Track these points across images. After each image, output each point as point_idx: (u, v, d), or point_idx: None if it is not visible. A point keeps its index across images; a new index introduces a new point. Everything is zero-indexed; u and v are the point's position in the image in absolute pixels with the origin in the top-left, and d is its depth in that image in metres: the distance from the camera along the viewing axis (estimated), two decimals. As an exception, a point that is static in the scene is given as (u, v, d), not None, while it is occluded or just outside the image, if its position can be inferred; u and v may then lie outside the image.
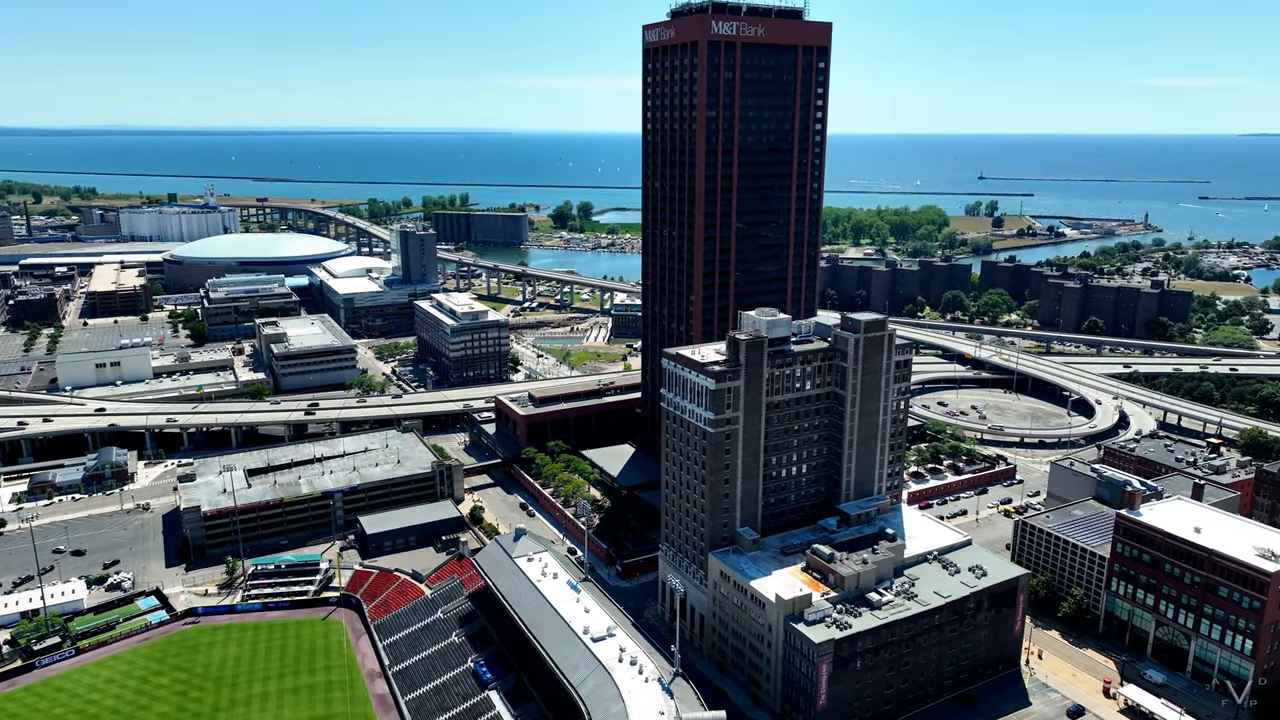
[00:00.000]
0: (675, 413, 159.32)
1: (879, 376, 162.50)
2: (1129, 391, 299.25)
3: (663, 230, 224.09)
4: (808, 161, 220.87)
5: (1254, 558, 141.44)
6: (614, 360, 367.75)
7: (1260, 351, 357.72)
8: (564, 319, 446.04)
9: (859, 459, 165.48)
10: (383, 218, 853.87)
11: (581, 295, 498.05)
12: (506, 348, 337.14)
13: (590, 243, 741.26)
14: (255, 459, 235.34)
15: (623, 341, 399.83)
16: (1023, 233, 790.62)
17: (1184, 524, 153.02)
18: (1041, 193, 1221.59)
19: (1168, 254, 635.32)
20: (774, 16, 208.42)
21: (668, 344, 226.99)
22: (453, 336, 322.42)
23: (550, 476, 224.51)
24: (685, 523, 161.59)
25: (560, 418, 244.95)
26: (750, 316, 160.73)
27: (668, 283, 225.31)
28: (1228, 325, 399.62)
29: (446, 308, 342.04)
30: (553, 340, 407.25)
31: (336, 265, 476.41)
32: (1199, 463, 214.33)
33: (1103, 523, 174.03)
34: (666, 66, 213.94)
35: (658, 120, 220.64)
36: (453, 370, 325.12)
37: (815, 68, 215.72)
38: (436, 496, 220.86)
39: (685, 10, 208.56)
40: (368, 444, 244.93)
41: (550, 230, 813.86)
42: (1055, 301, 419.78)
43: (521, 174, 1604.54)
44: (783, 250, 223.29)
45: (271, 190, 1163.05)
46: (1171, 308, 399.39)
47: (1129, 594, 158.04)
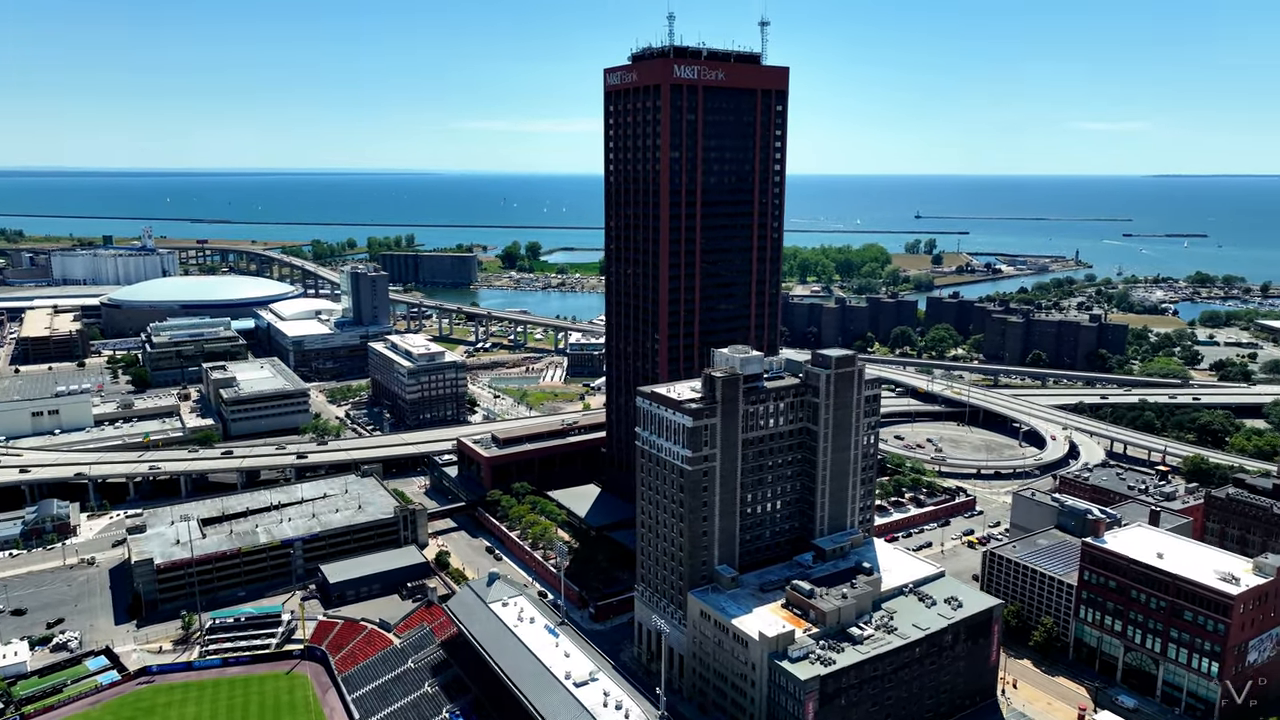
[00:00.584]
0: (651, 451, 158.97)
1: (850, 411, 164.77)
2: (1076, 422, 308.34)
3: (627, 269, 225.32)
4: (768, 201, 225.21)
5: (1216, 581, 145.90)
6: (572, 399, 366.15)
7: (1194, 382, 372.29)
8: (519, 359, 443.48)
9: (832, 494, 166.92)
10: (327, 259, 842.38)
11: (535, 335, 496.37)
12: (464, 389, 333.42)
13: (540, 282, 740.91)
14: (209, 508, 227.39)
15: (579, 380, 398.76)
16: (961, 269, 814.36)
17: (1147, 550, 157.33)
18: (976, 231, 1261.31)
19: (1100, 289, 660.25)
20: (733, 61, 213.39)
21: (633, 382, 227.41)
22: (409, 378, 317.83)
23: (517, 519, 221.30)
24: (662, 562, 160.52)
25: (525, 459, 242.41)
26: (723, 354, 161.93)
27: (632, 321, 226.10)
28: (1162, 357, 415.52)
29: (402, 349, 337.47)
30: (508, 380, 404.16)
31: (284, 307, 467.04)
32: (1150, 490, 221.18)
33: (1067, 551, 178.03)
34: (629, 109, 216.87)
35: (621, 161, 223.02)
36: (409, 412, 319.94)
37: (774, 110, 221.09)
38: (400, 542, 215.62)
39: (647, 54, 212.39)
40: (326, 489, 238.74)
41: (499, 270, 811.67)
42: (1000, 336, 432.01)
43: (465, 215, 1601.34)
44: (745, 288, 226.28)
45: (210, 232, 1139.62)
46: (1109, 341, 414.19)
47: (1097, 621, 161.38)
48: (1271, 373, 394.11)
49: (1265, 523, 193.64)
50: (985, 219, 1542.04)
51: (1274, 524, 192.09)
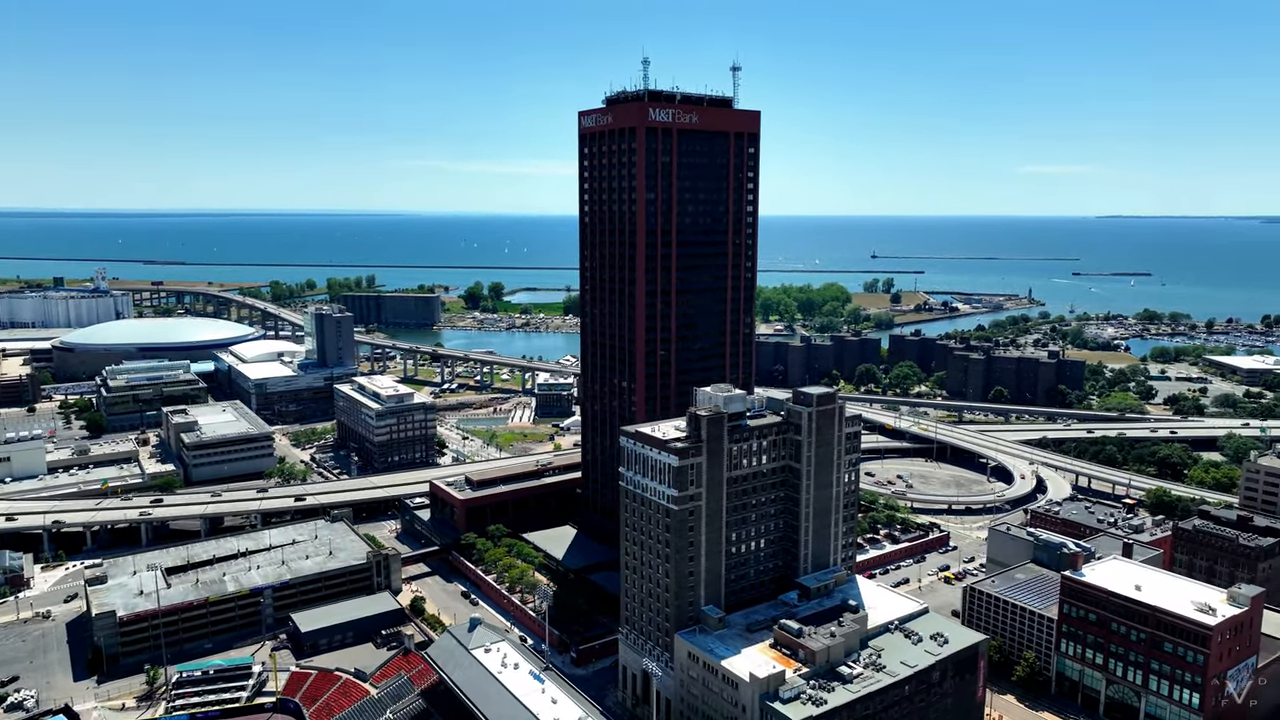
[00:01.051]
0: (635, 491, 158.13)
1: (832, 449, 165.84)
2: (1041, 457, 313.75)
3: (602, 309, 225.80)
4: (741, 241, 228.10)
5: (1194, 612, 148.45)
6: (541, 440, 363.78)
7: (1151, 416, 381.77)
8: (486, 400, 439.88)
9: (815, 531, 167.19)
10: (287, 300, 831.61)
11: (502, 375, 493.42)
12: (434, 431, 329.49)
13: (504, 323, 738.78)
14: (173, 556, 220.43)
15: (548, 421, 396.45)
16: (920, 308, 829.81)
17: (1125, 582, 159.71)
18: (931, 270, 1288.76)
19: (1054, 326, 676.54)
20: (706, 105, 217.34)
21: (608, 422, 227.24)
22: (377, 420, 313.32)
23: (493, 562, 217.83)
24: (648, 604, 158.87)
25: (499, 501, 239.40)
26: (706, 392, 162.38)
27: (607, 360, 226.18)
28: (1118, 392, 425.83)
29: (369, 391, 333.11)
30: (476, 422, 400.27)
31: (245, 349, 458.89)
32: (1119, 523, 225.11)
33: (1045, 585, 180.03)
34: (604, 151, 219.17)
35: (596, 202, 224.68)
36: (377, 455, 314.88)
37: (746, 153, 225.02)
38: (373, 589, 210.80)
39: (622, 98, 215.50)
40: (295, 535, 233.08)
41: (462, 311, 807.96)
42: (962, 373, 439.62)
43: (426, 255, 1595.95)
44: (719, 327, 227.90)
45: (164, 274, 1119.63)
46: (1068, 376, 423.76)
47: (1078, 654, 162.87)
48: (1222, 406, 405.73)
49: (1232, 553, 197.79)
50: (939, 258, 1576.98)
51: (1240, 554, 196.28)
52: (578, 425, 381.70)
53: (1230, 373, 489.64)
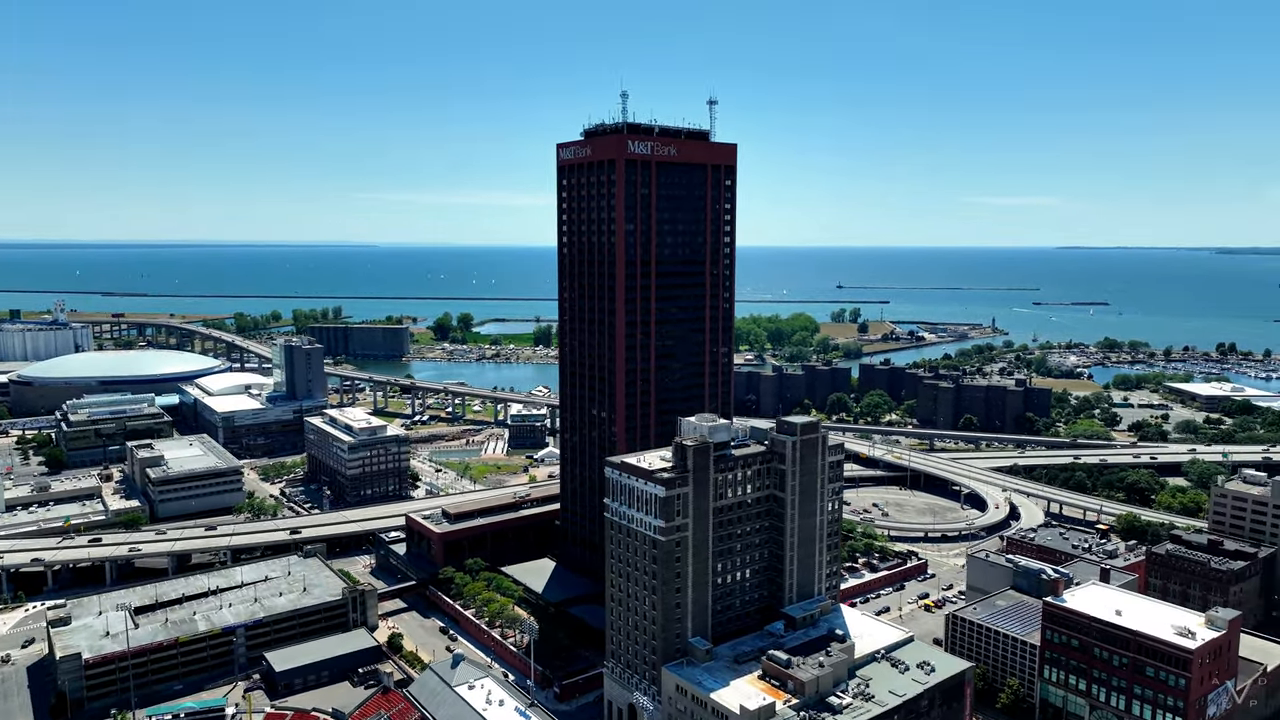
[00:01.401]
0: (621, 522, 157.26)
1: (815, 478, 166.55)
2: (1014, 484, 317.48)
3: (581, 339, 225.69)
4: (719, 272, 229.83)
5: (1174, 636, 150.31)
6: (515, 472, 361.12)
7: (1117, 443, 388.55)
8: (458, 431, 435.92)
9: (800, 560, 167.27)
10: (252, 332, 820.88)
11: (473, 407, 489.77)
12: (407, 463, 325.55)
13: (474, 354, 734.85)
14: (140, 595, 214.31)
15: (522, 452, 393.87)
16: (887, 337, 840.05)
17: (1106, 608, 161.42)
18: (896, 300, 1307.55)
19: (1018, 355, 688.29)
20: (684, 137, 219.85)
21: (588, 453, 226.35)
22: (350, 453, 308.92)
23: (472, 597, 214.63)
24: (634, 636, 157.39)
25: (478, 534, 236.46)
26: (690, 422, 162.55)
27: (586, 391, 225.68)
28: (1084, 419, 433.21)
29: (341, 424, 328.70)
30: (449, 454, 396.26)
31: (211, 382, 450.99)
32: (1093, 549, 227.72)
33: (1026, 611, 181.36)
34: (583, 182, 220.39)
35: (575, 233, 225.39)
36: (350, 489, 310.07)
37: (723, 185, 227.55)
38: (349, 625, 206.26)
39: (600, 130, 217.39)
40: (268, 572, 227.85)
41: (431, 342, 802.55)
42: (932, 401, 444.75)
43: (392, 287, 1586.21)
44: (699, 357, 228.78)
45: (124, 305, 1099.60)
46: (1036, 404, 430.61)
47: (1061, 680, 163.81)
48: (1184, 432, 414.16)
49: (1204, 577, 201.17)
50: (903, 289, 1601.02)
51: (1212, 578, 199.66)
52: (552, 456, 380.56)
53: (1190, 399, 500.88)
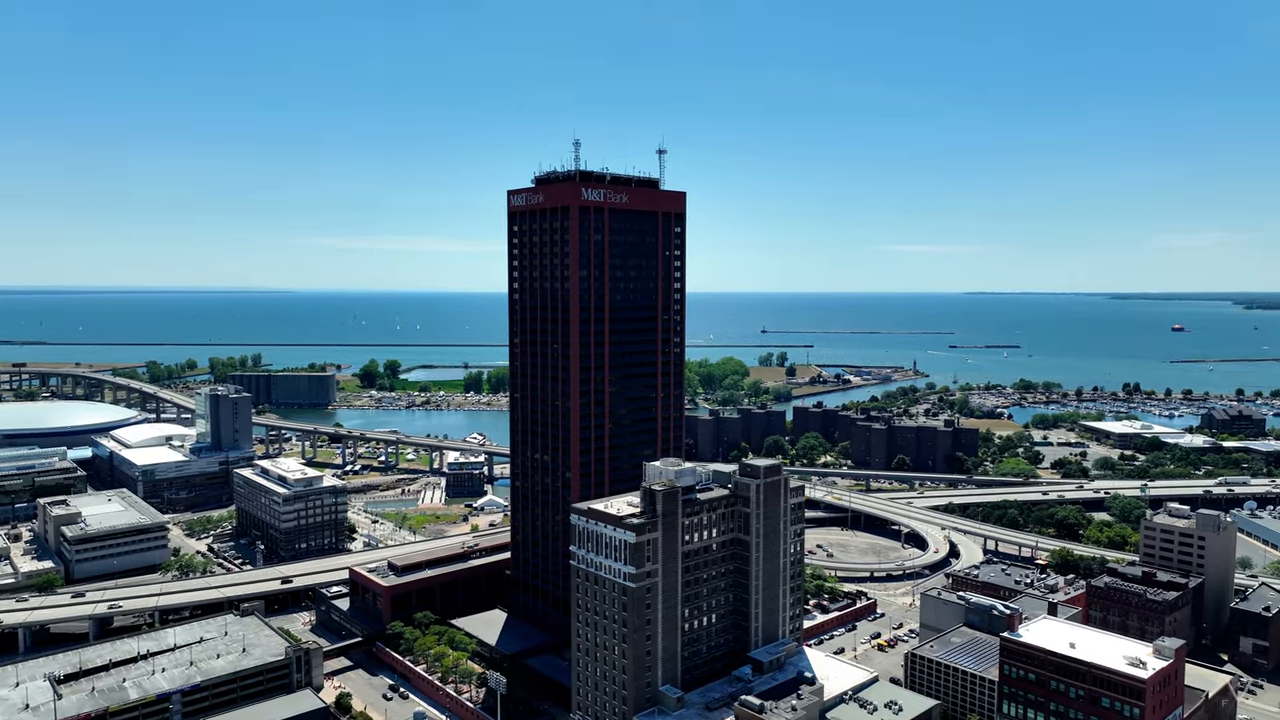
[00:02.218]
0: (588, 570, 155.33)
1: (778, 520, 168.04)
2: (951, 522, 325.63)
3: (534, 385, 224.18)
4: (670, 317, 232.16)
5: (1127, 667, 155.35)
6: (455, 521, 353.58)
7: (1042, 480, 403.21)
8: (392, 481, 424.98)
9: (764, 604, 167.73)
10: (166, 381, 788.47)
11: (407, 455, 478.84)
12: (344, 515, 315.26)
13: (404, 401, 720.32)
14: (62, 663, 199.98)
15: (460, 501, 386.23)
16: (814, 380, 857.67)
17: (1060, 641, 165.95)
18: (819, 344, 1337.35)
19: (940, 396, 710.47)
20: (635, 185, 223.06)
21: (541, 499, 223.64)
22: (285, 506, 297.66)
23: (423, 651, 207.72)
24: (602, 686, 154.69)
25: (426, 586, 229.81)
26: (655, 467, 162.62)
27: (539, 438, 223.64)
28: (1010, 458, 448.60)
29: (274, 475, 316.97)
30: (384, 504, 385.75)
31: (129, 434, 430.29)
32: (1034, 584, 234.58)
33: (980, 647, 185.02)
34: (536, 229, 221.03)
35: (527, 279, 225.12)
36: (284, 543, 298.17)
37: (673, 232, 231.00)
38: (293, 687, 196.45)
39: (553, 178, 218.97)
40: (202, 633, 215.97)
41: (358, 390, 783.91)
42: (865, 442, 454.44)
43: (312, 333, 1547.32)
44: (651, 402, 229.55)
45: (25, 354, 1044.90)
46: (963, 444, 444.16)
47: (1020, 714, 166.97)
48: (1102, 469, 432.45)
49: (1140, 608, 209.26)
50: (826, 333, 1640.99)
51: (1149, 609, 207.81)
52: (493, 505, 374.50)
53: (1104, 437, 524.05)
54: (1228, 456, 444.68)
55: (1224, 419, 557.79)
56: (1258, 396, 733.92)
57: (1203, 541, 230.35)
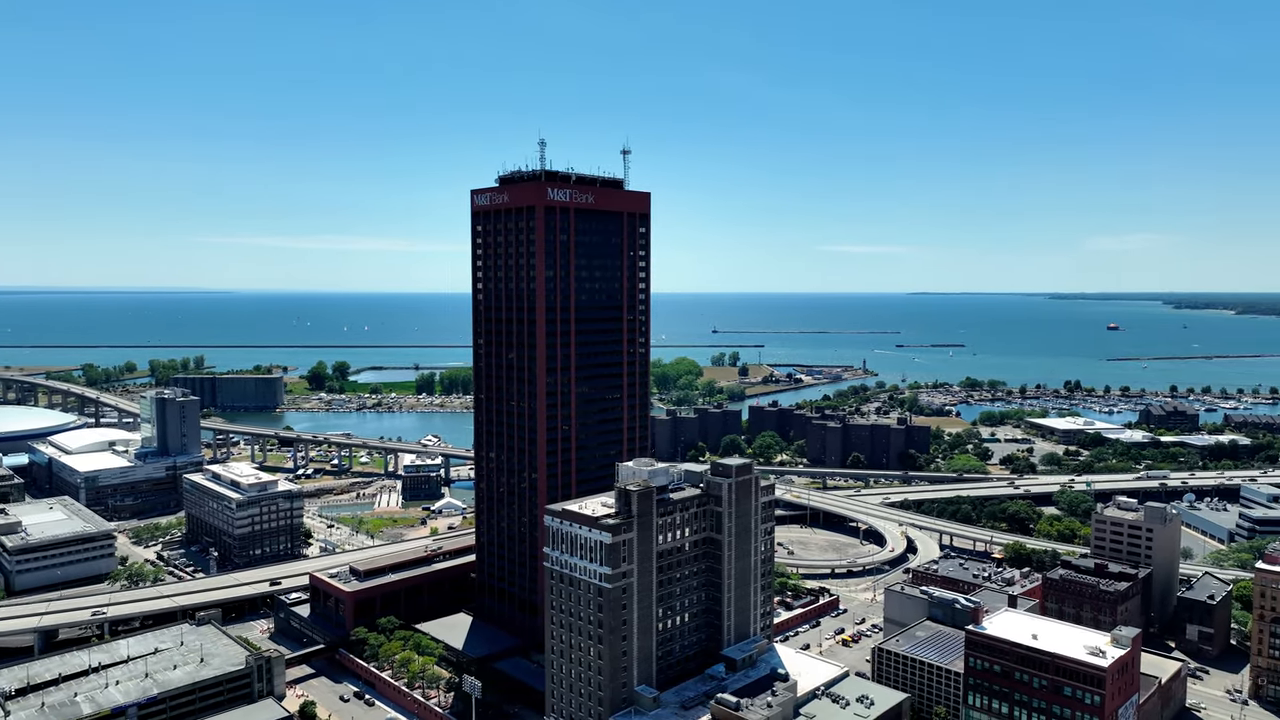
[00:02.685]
0: (563, 571, 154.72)
1: (750, 518, 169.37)
2: (906, 518, 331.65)
3: (499, 387, 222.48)
4: (635, 318, 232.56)
5: (1088, 656, 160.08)
6: (413, 524, 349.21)
7: (993, 476, 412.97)
8: (347, 485, 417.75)
9: (737, 602, 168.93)
10: (104, 384, 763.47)
11: (360, 458, 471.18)
12: (300, 520, 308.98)
13: (354, 403, 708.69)
14: (8, 679, 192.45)
15: (417, 504, 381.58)
16: (767, 380, 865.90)
17: (1023, 632, 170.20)
18: (770, 344, 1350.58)
19: (890, 394, 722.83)
20: (599, 185, 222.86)
21: (506, 501, 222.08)
22: (239, 511, 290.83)
23: (388, 657, 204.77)
24: (577, 688, 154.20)
25: (390, 591, 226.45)
26: (628, 467, 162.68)
27: (505, 438, 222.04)
28: (960, 455, 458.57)
29: (226, 480, 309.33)
30: (339, 508, 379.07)
31: (68, 439, 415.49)
32: (992, 577, 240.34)
33: (944, 641, 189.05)
34: (501, 229, 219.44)
35: (492, 279, 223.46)
36: (238, 549, 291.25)
37: (637, 232, 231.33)
38: (254, 696, 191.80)
39: (518, 177, 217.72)
40: (157, 644, 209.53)
41: (306, 392, 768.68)
42: (821, 440, 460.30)
43: (254, 334, 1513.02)
44: (617, 402, 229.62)
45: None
46: (916, 441, 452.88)
47: (985, 705, 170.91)
48: (1049, 465, 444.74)
49: (1094, 599, 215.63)
50: (775, 333, 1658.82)
51: (1102, 599, 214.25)
52: (450, 507, 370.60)
53: (1049, 433, 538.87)
54: (1166, 451, 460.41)
55: (1160, 415, 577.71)
56: (1189, 393, 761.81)
57: (1150, 533, 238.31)
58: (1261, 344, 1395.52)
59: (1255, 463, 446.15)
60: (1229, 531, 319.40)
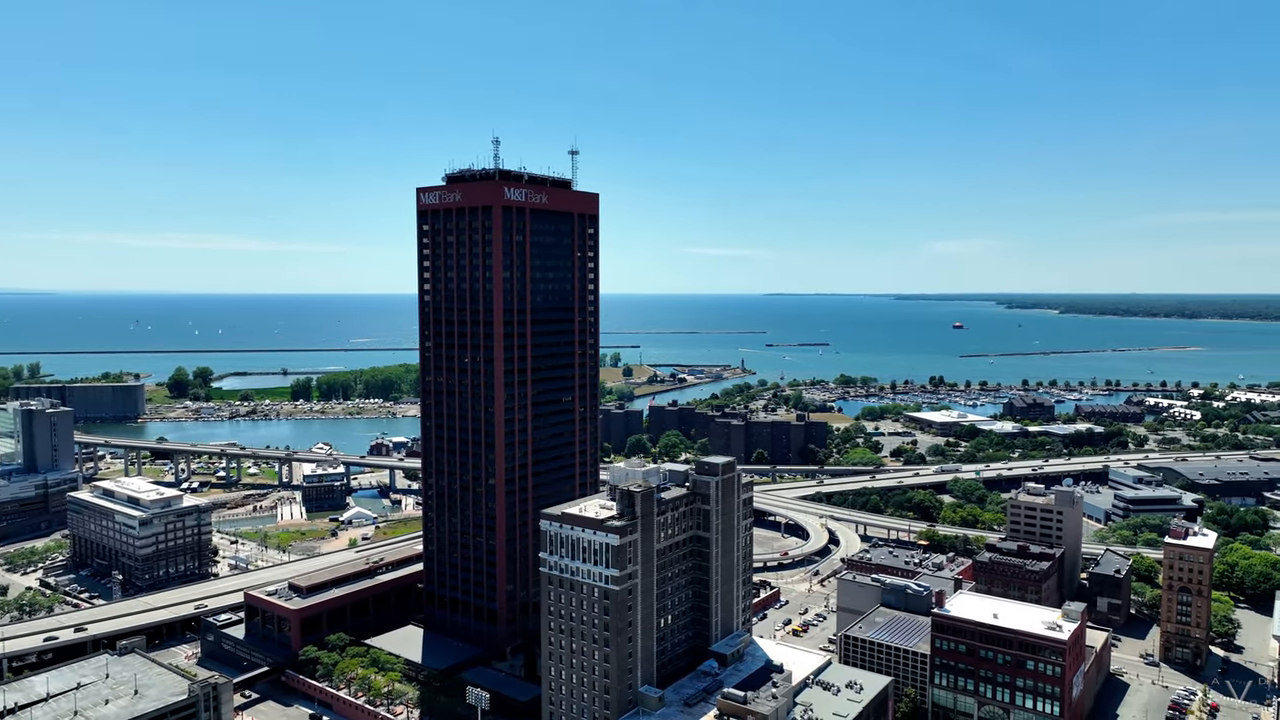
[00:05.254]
0: (562, 575, 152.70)
1: (734, 515, 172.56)
2: (824, 510, 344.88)
3: (451, 390, 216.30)
4: (585, 319, 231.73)
5: (1046, 630, 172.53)
6: (323, 537, 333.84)
7: (888, 467, 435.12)
8: (240, 497, 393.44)
9: (723, 598, 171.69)
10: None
11: (249, 469, 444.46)
12: (209, 537, 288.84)
13: (226, 411, 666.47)
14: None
15: (322, 515, 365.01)
16: (651, 380, 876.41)
17: (984, 613, 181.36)
18: (645, 344, 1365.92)
19: (774, 392, 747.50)
20: (550, 185, 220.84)
21: (458, 508, 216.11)
22: (142, 530, 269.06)
23: (343, 675, 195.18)
24: (579, 693, 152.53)
25: (337, 606, 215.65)
26: (619, 468, 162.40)
27: (458, 443, 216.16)
28: (854, 448, 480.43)
29: (122, 496, 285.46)
30: (238, 522, 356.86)
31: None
32: (922, 563, 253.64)
33: (901, 625, 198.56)
34: (452, 228, 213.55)
35: (441, 280, 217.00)
36: (140, 571, 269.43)
37: (587, 233, 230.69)
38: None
39: (469, 176, 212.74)
40: (79, 678, 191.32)
41: (168, 401, 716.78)
42: (724, 438, 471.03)
43: (87, 339, 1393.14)
44: (570, 404, 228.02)
45: None
46: (815, 437, 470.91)
47: (951, 683, 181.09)
48: (935, 456, 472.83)
49: (1020, 578, 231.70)
50: (650, 333, 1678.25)
51: (1028, 578, 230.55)
52: (360, 517, 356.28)
53: (928, 426, 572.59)
54: (1034, 440, 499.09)
55: (1022, 406, 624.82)
56: (1039, 386, 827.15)
57: (1061, 516, 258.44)
58: (1086, 340, 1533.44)
59: (1110, 448, 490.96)
60: (1105, 512, 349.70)
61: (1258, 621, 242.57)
